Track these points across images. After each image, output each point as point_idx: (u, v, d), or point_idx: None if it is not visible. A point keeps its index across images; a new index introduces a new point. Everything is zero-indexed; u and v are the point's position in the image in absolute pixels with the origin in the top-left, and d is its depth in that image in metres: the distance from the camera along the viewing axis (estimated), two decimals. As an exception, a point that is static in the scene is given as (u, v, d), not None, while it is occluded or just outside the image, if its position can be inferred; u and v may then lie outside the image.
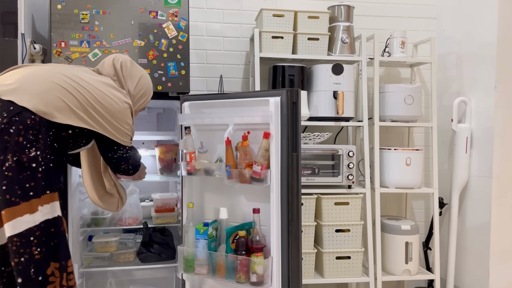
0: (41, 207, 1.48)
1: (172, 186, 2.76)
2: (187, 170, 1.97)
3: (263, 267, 1.77)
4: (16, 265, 1.44)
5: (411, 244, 2.57)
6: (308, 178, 2.48)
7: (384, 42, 2.82)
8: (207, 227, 1.87)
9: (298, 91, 1.80)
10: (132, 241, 2.52)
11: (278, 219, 1.79)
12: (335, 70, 2.50)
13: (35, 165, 1.48)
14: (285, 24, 2.54)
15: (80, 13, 2.14)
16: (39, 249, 1.47)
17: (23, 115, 1.48)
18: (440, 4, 2.99)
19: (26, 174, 1.46)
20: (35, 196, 1.47)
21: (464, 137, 2.62)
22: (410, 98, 2.61)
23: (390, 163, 2.60)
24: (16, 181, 1.44)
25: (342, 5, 2.60)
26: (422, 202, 3.07)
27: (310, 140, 2.55)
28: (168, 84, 2.22)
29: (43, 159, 1.50)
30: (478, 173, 2.59)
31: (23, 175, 1.46)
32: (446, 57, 2.92)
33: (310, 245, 2.47)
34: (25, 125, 1.48)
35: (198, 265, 1.90)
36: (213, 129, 2.04)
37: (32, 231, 1.46)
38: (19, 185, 1.45)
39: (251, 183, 1.83)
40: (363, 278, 2.53)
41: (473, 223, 2.63)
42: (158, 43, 2.20)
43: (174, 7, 2.21)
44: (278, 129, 1.79)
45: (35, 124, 1.49)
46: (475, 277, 2.60)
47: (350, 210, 2.50)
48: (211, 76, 2.81)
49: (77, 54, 2.14)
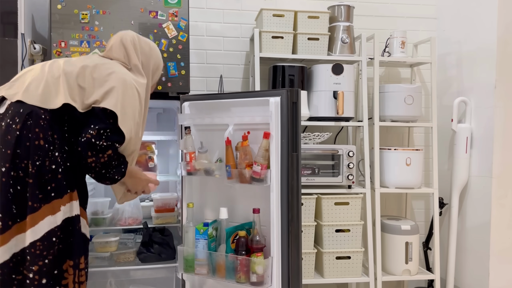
0: (63, 207, 1.49)
1: (172, 186, 2.76)
2: (187, 170, 1.97)
3: (263, 267, 1.77)
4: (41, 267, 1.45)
5: (411, 244, 2.57)
6: (308, 178, 2.48)
7: (384, 42, 2.82)
8: (207, 227, 1.87)
9: (298, 91, 1.80)
10: (132, 241, 2.52)
11: (278, 219, 1.79)
12: (335, 70, 2.50)
13: (54, 166, 1.48)
14: (285, 24, 2.54)
15: (80, 13, 2.14)
16: (59, 246, 1.49)
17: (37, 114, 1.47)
18: (440, 4, 2.99)
19: (47, 177, 1.46)
20: (56, 197, 1.48)
21: (464, 137, 2.62)
22: (410, 98, 2.61)
23: (390, 163, 2.60)
24: (37, 186, 1.44)
25: (342, 5, 2.60)
26: (422, 202, 3.07)
27: (310, 140, 2.55)
28: (168, 84, 2.22)
29: (61, 159, 1.49)
30: (478, 173, 2.59)
31: (45, 179, 1.46)
32: (446, 57, 2.92)
33: (310, 245, 2.47)
34: (41, 127, 1.47)
35: (198, 265, 1.90)
36: (213, 129, 2.04)
37: (54, 232, 1.47)
38: (40, 190, 1.45)
39: (251, 183, 1.82)
40: (363, 278, 2.53)
41: (473, 223, 2.63)
42: (158, 43, 2.20)
43: (174, 7, 2.21)
44: (278, 129, 1.79)
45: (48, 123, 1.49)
46: (475, 277, 2.60)
47: (350, 210, 2.50)
48: (211, 76, 2.81)
49: (77, 54, 2.14)
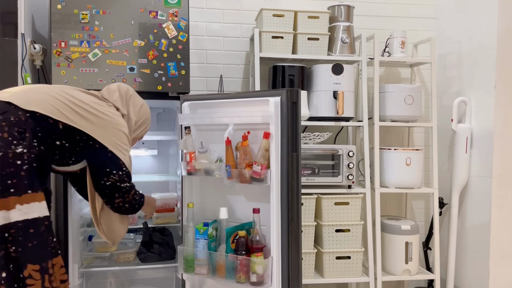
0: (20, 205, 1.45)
1: (172, 186, 2.76)
2: (187, 170, 1.97)
3: (263, 267, 1.77)
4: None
5: (411, 244, 2.57)
6: (308, 178, 2.48)
7: (384, 42, 2.81)
8: (207, 227, 1.87)
9: (298, 91, 1.80)
10: (132, 241, 2.52)
11: (278, 219, 1.79)
12: (335, 70, 2.50)
13: (19, 162, 1.45)
14: (285, 24, 2.54)
15: (80, 13, 2.14)
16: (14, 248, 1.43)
17: (11, 112, 1.47)
18: (440, 4, 2.99)
19: (9, 170, 1.43)
20: (15, 194, 1.44)
21: (464, 137, 2.62)
22: (410, 98, 2.61)
23: (390, 163, 2.60)
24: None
25: (342, 5, 2.60)
26: (422, 202, 3.07)
27: (310, 140, 2.55)
28: (168, 84, 2.22)
29: (28, 158, 1.47)
30: (478, 173, 2.59)
31: (6, 171, 1.43)
32: (446, 57, 2.92)
33: (310, 245, 2.47)
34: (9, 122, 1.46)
35: (198, 265, 1.90)
36: (213, 129, 2.04)
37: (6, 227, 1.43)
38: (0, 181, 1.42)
39: (251, 183, 1.82)
40: (363, 278, 2.53)
41: (473, 223, 2.63)
42: (158, 43, 2.20)
43: (174, 7, 2.21)
44: (278, 129, 1.79)
45: (20, 122, 1.48)
46: (475, 277, 2.60)
47: (350, 210, 2.50)
48: (211, 76, 2.81)
49: (77, 54, 2.14)
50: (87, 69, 2.16)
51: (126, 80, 2.18)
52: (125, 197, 1.68)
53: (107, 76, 2.17)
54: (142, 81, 2.20)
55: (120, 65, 2.18)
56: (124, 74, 2.18)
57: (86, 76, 2.16)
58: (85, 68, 2.15)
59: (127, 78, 2.19)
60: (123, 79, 2.18)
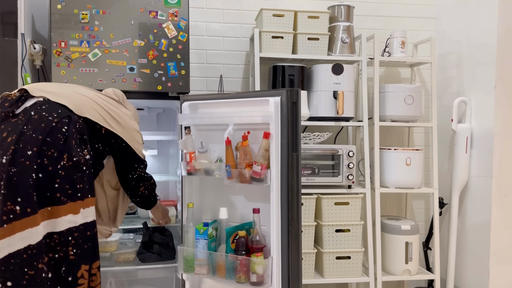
0: (83, 209, 1.53)
1: (172, 186, 2.75)
2: (187, 170, 1.97)
3: (263, 267, 1.76)
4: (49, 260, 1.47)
5: (411, 244, 2.57)
6: (308, 178, 2.48)
7: (384, 42, 2.81)
8: (207, 227, 1.87)
9: (298, 91, 1.80)
10: (132, 241, 2.52)
11: (278, 219, 1.79)
12: (335, 70, 2.50)
13: (85, 168, 1.54)
14: (285, 24, 2.54)
15: (80, 13, 2.14)
16: (74, 251, 1.51)
17: (73, 118, 1.55)
18: (440, 4, 2.99)
19: (78, 175, 1.51)
20: (81, 198, 1.52)
21: (464, 137, 2.62)
22: (410, 98, 2.61)
23: (390, 163, 2.60)
24: (68, 181, 1.48)
25: (342, 5, 2.60)
26: (422, 202, 3.07)
27: (310, 140, 2.55)
28: (168, 84, 2.22)
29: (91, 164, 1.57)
30: (478, 173, 2.59)
31: (76, 176, 1.50)
32: (446, 57, 2.92)
33: (310, 245, 2.47)
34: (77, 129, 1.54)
35: (198, 265, 1.90)
36: (213, 129, 2.03)
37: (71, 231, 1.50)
38: (70, 185, 1.49)
39: (251, 183, 1.82)
40: (363, 278, 2.53)
41: (473, 223, 2.63)
42: (158, 43, 2.20)
43: (174, 7, 2.21)
44: (278, 129, 1.79)
45: (83, 129, 1.57)
46: (475, 277, 2.60)
47: (350, 210, 2.50)
48: (211, 76, 2.81)
49: (77, 54, 2.14)
50: (87, 69, 2.16)
51: (126, 80, 2.18)
52: (146, 185, 1.88)
53: (107, 76, 2.17)
54: (142, 81, 2.20)
55: (120, 65, 2.18)
56: (124, 74, 2.18)
57: (86, 76, 2.16)
58: (85, 68, 2.15)
59: (127, 78, 2.19)
60: (123, 79, 2.18)
